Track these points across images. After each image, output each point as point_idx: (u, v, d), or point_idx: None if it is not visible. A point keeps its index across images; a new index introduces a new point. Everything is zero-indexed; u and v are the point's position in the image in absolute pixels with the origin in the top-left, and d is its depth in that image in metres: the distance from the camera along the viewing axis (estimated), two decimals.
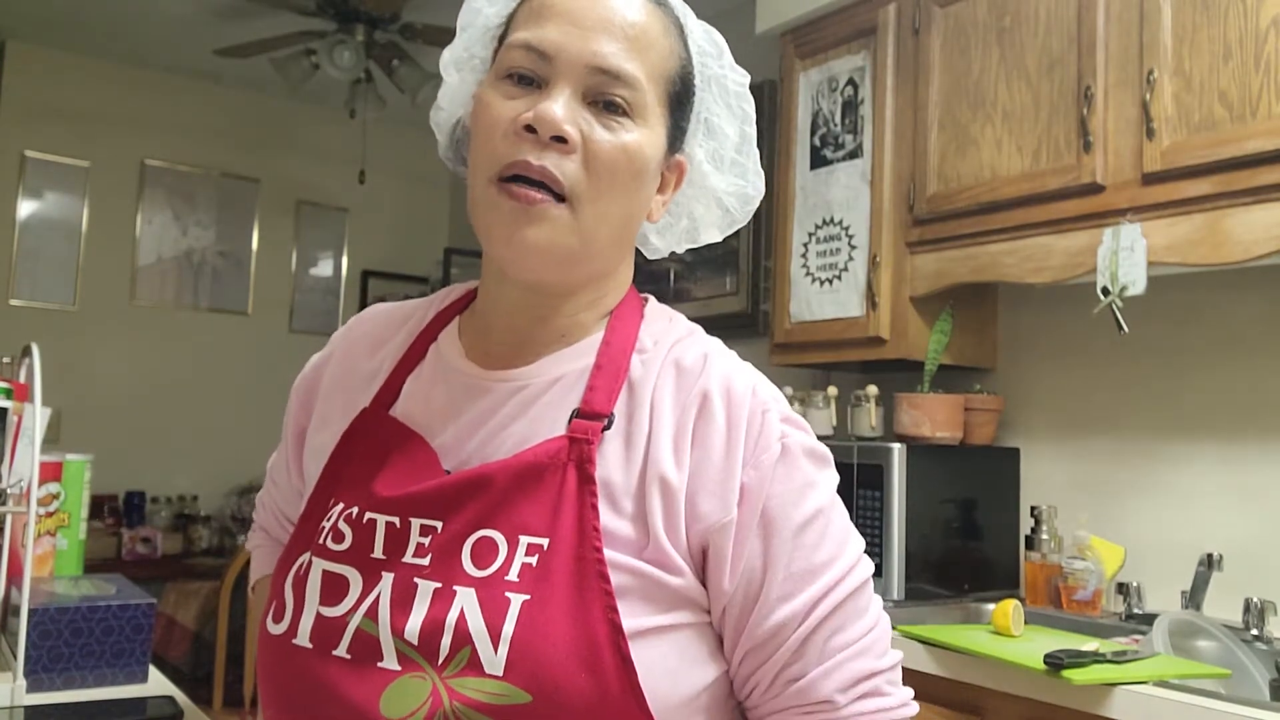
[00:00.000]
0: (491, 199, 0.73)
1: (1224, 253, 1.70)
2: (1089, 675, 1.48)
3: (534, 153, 0.71)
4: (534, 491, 0.70)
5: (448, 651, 0.66)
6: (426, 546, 0.70)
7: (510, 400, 0.76)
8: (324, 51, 3.35)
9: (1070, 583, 2.00)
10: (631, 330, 0.79)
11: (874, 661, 0.73)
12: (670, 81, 0.77)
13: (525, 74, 0.73)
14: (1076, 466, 2.22)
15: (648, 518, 0.71)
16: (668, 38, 0.77)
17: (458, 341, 0.83)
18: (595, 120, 0.73)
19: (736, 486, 0.71)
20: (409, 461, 0.75)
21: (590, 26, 0.73)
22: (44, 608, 1.21)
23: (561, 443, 0.72)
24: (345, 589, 0.71)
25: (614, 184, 0.73)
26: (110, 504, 4.02)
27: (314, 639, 0.70)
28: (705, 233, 0.90)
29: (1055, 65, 1.97)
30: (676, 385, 0.75)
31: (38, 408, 1.20)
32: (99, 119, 4.18)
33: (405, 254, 4.90)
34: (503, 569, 0.68)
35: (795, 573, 0.72)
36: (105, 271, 4.19)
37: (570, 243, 0.73)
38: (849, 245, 2.36)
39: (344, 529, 0.74)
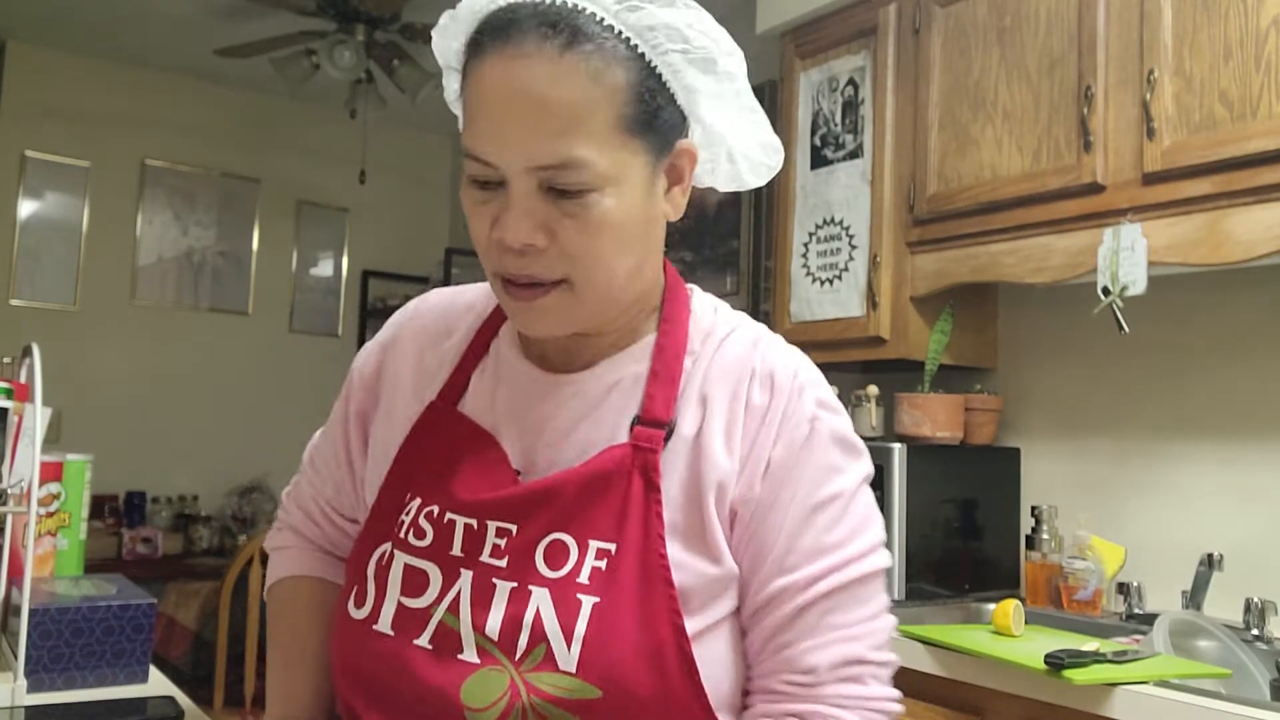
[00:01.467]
0: (498, 289, 0.77)
1: (1224, 253, 1.70)
2: (1089, 675, 1.49)
3: (515, 264, 0.73)
4: (602, 498, 0.74)
5: (525, 648, 0.71)
6: (503, 549, 0.75)
7: (570, 403, 0.80)
8: (324, 51, 3.35)
9: (1071, 582, 2.00)
10: (681, 332, 0.81)
11: (865, 650, 0.75)
12: (624, 120, 0.72)
13: (482, 180, 0.73)
14: (1077, 466, 2.22)
15: (703, 510, 0.75)
16: (602, 83, 0.71)
17: (516, 342, 0.85)
18: (559, 211, 0.72)
19: (765, 460, 0.76)
20: (482, 461, 0.79)
21: (518, 125, 0.70)
22: (44, 608, 1.21)
23: (626, 450, 0.75)
24: (426, 583, 0.76)
25: (602, 253, 0.74)
26: (111, 504, 4.02)
27: (395, 627, 0.75)
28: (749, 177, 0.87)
29: (1056, 65, 1.97)
30: (726, 378, 0.78)
31: (38, 408, 1.20)
32: (99, 119, 4.19)
33: (406, 254, 4.90)
34: (574, 571, 0.73)
35: (802, 548, 0.75)
36: (106, 271, 4.20)
37: (579, 314, 0.76)
38: (849, 245, 2.36)
39: (425, 526, 0.78)
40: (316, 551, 0.98)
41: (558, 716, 0.70)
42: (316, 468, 0.96)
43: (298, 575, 0.96)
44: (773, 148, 0.86)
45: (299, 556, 0.97)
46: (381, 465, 0.85)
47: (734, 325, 0.83)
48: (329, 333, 4.75)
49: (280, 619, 0.95)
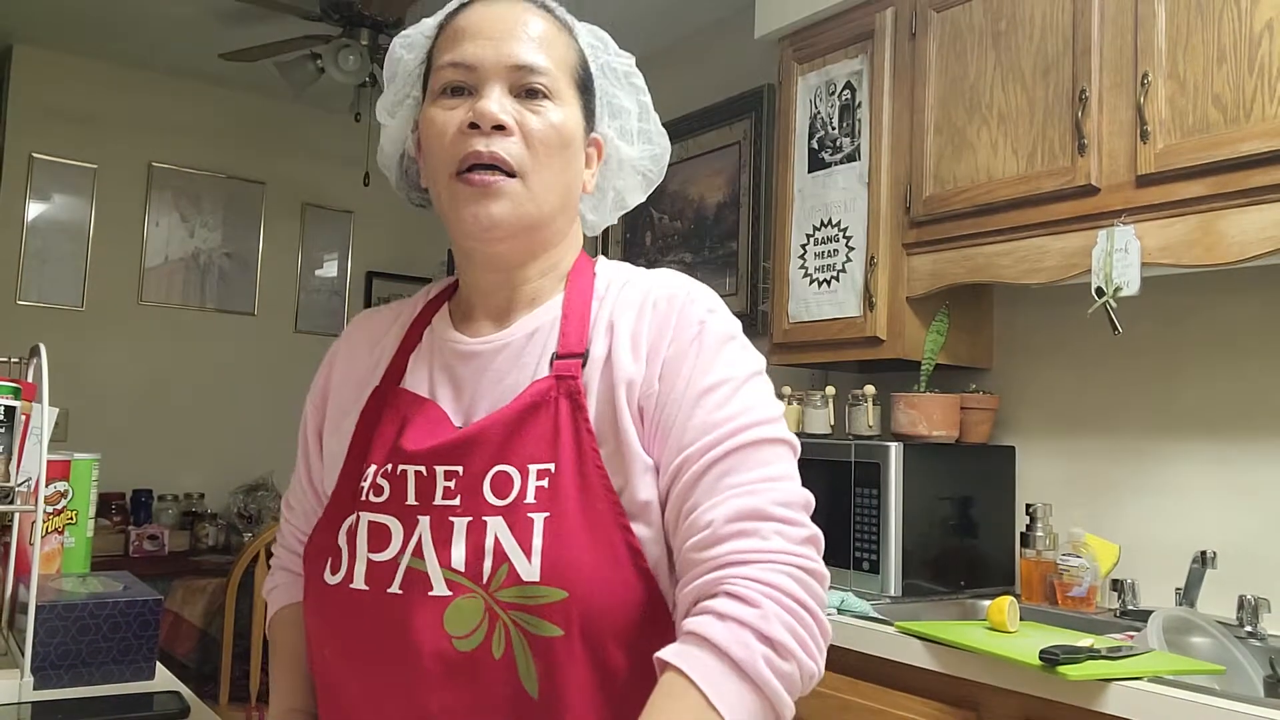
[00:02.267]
0: (454, 191, 0.86)
1: (1217, 254, 1.71)
2: (1084, 671, 1.50)
3: (482, 142, 0.84)
4: (533, 425, 0.82)
5: (490, 571, 0.77)
6: (453, 489, 0.81)
7: (498, 357, 0.88)
8: (329, 55, 3.37)
9: (1065, 579, 2.01)
10: (587, 284, 0.92)
11: (764, 504, 0.76)
12: (574, 69, 0.91)
13: (457, 85, 0.87)
14: (1071, 465, 2.23)
15: (617, 418, 0.82)
16: (563, 35, 0.91)
17: (448, 321, 0.94)
18: (524, 108, 0.86)
19: (660, 362, 0.84)
20: (426, 420, 0.86)
21: (501, 36, 0.87)
22: (51, 605, 1.23)
23: (549, 381, 0.84)
24: (389, 536, 0.82)
25: (551, 156, 0.87)
26: (117, 502, 4.04)
27: (369, 581, 0.81)
28: (631, 198, 1.02)
29: (1050, 69, 1.98)
30: (629, 306, 0.87)
31: (45, 407, 1.22)
32: (106, 121, 4.21)
33: (409, 255, 4.92)
34: (520, 495, 0.80)
35: (694, 426, 0.80)
36: (112, 272, 4.22)
37: (527, 209, 0.86)
38: (846, 247, 2.38)
39: (382, 483, 0.85)
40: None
41: (533, 624, 0.76)
42: (291, 507, 1.04)
43: (293, 603, 1.02)
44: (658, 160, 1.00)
45: (291, 588, 1.03)
46: (337, 459, 0.92)
47: (637, 274, 0.92)
48: (334, 333, 4.76)
49: (280, 640, 1.01)
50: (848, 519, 2.15)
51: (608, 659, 0.78)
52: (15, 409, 1.21)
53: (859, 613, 1.94)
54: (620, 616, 0.78)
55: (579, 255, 0.96)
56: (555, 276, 0.93)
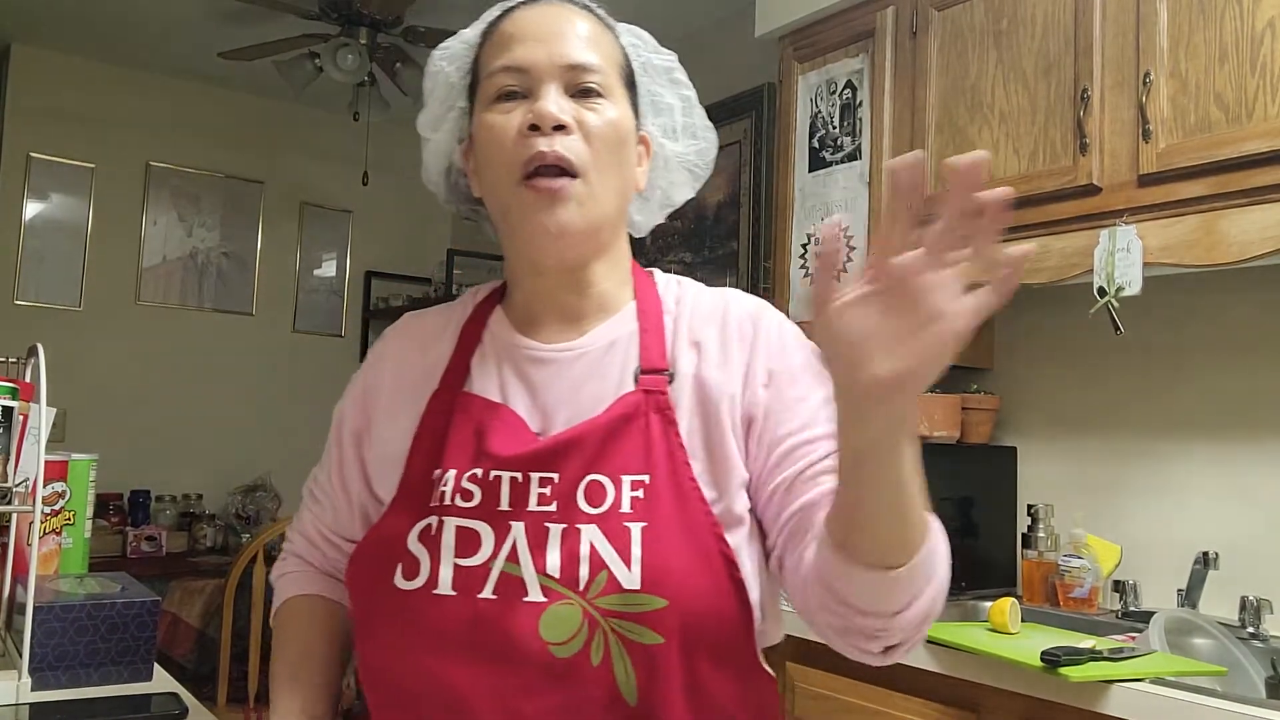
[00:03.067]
0: (520, 198, 0.85)
1: (1219, 254, 1.71)
2: (1086, 672, 1.49)
3: (544, 143, 0.84)
4: (625, 438, 0.83)
5: (587, 577, 0.78)
6: (548, 496, 0.82)
7: (575, 365, 0.89)
8: (327, 55, 3.37)
9: (1067, 580, 2.01)
10: (654, 296, 0.93)
11: None
12: (621, 66, 0.92)
13: (510, 90, 0.87)
14: (1073, 465, 2.23)
15: (719, 429, 0.84)
16: (608, 34, 0.92)
17: (509, 325, 0.94)
18: (581, 107, 0.86)
19: (765, 372, 0.86)
20: (505, 426, 0.86)
21: (551, 37, 0.87)
22: (49, 605, 1.22)
23: (638, 395, 0.85)
24: (478, 542, 0.81)
25: (609, 154, 0.87)
26: (115, 503, 4.04)
27: (457, 587, 0.80)
28: (678, 195, 1.02)
29: (1052, 68, 1.98)
30: (708, 322, 0.90)
31: (43, 407, 1.21)
32: (104, 121, 4.20)
33: (408, 255, 4.92)
34: (615, 504, 0.81)
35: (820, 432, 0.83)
36: (110, 272, 4.21)
37: (592, 211, 0.86)
38: (847, 246, 2.37)
39: (471, 488, 0.84)
40: (318, 574, 1.03)
41: (635, 631, 0.77)
42: (316, 497, 1.02)
43: (304, 594, 1.01)
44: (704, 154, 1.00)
45: (302, 579, 1.02)
46: (394, 463, 0.90)
47: (698, 286, 0.95)
48: (332, 333, 4.76)
49: (287, 631, 0.99)
50: None
51: (700, 669, 0.79)
52: (13, 409, 1.20)
53: None
54: (715, 626, 0.79)
55: (631, 262, 0.96)
56: (618, 279, 0.93)
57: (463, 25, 0.96)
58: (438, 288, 4.42)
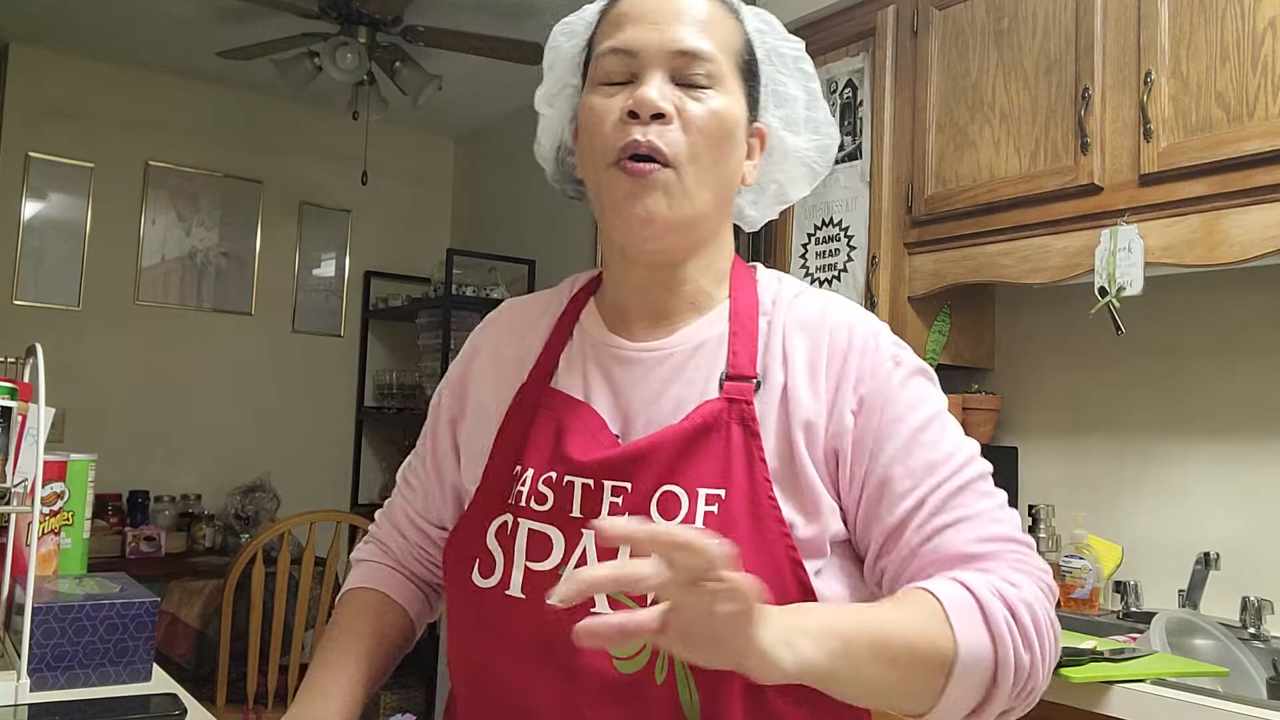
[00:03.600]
0: (611, 179, 0.83)
1: (1220, 253, 1.71)
2: (1087, 673, 1.49)
3: (640, 131, 0.81)
4: (704, 449, 0.80)
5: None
6: (620, 505, 0.79)
7: (660, 367, 0.86)
8: (326, 53, 3.36)
9: (1068, 581, 2.00)
10: (751, 295, 0.88)
11: (1010, 530, 0.78)
12: (738, 54, 0.87)
13: (618, 72, 0.84)
14: (1074, 466, 2.23)
15: (795, 454, 0.80)
16: (729, 19, 0.88)
17: (600, 320, 0.92)
18: (685, 95, 0.83)
19: (855, 398, 0.81)
20: (585, 427, 0.84)
21: (664, 20, 0.84)
22: (48, 606, 1.22)
23: (721, 404, 0.81)
24: (550, 546, 0.80)
25: (710, 145, 0.83)
26: (114, 503, 4.03)
27: (527, 590, 0.79)
28: (794, 191, 0.97)
29: (1053, 67, 1.98)
30: (803, 332, 0.85)
31: (41, 407, 1.21)
32: (103, 120, 4.20)
33: (408, 254, 4.91)
34: (688, 518, 0.78)
35: (916, 467, 0.78)
36: (109, 272, 4.20)
37: (682, 204, 0.82)
38: (848, 246, 2.37)
39: (545, 491, 0.82)
40: (392, 570, 1.03)
41: None
42: (408, 482, 1.02)
43: (369, 587, 1.01)
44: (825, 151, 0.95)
45: (375, 571, 1.02)
46: (480, 455, 0.90)
47: (800, 289, 0.90)
48: (331, 333, 4.75)
49: (338, 623, 0.99)
50: None
51: (765, 693, 0.76)
52: (12, 409, 1.20)
53: None
54: None
55: (734, 257, 0.92)
56: (714, 277, 0.89)
57: (462, 24, 0.95)
58: (437, 288, 4.41)
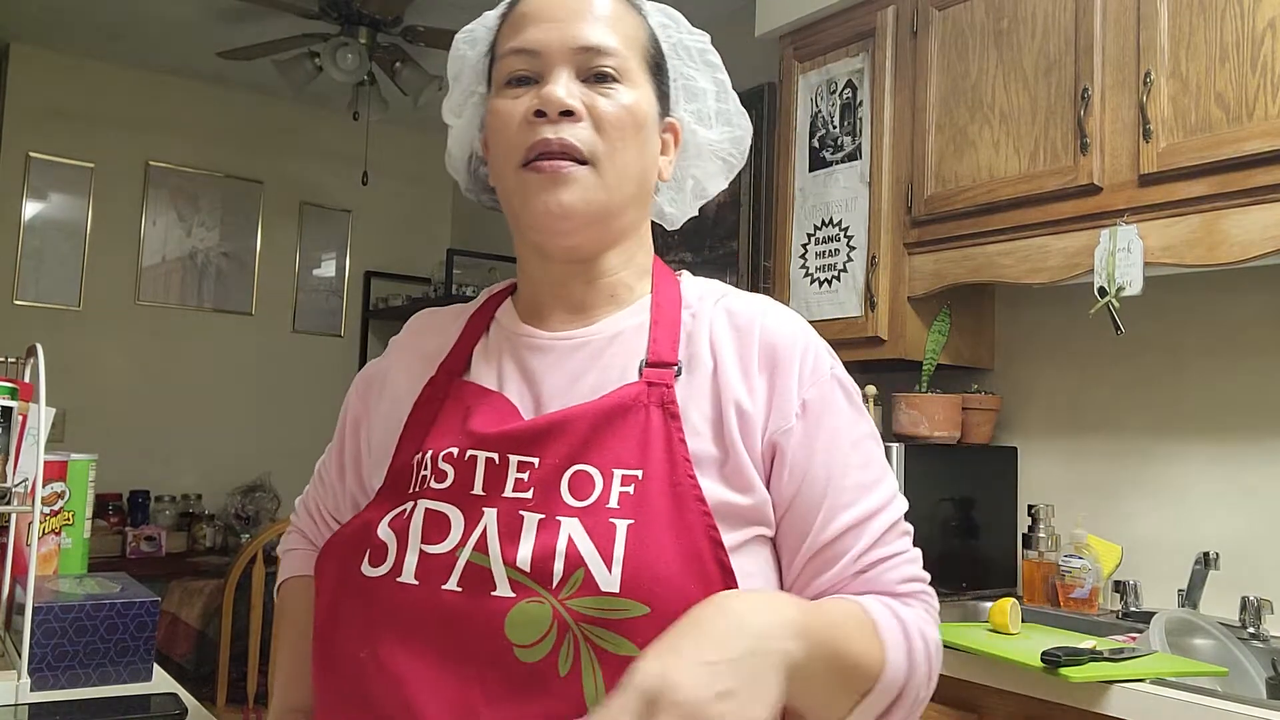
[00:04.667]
0: (522, 180, 0.81)
1: (1220, 253, 1.71)
2: (1086, 673, 1.49)
3: (550, 129, 0.80)
4: (620, 429, 0.77)
5: (561, 574, 0.71)
6: (526, 482, 0.76)
7: (576, 354, 0.84)
8: (327, 54, 3.36)
9: (1067, 581, 2.00)
10: (674, 290, 0.88)
11: (922, 571, 0.83)
12: (644, 49, 0.87)
13: (521, 76, 0.82)
14: (1074, 465, 2.23)
15: (726, 437, 0.78)
16: (632, 14, 0.87)
17: (515, 315, 0.90)
18: (593, 92, 0.82)
19: (797, 401, 0.80)
20: (493, 409, 0.82)
21: (566, 17, 0.83)
22: (48, 606, 1.22)
23: (640, 387, 0.79)
24: (447, 527, 0.76)
25: (624, 140, 0.82)
26: (114, 503, 4.03)
27: (420, 575, 0.74)
28: (711, 185, 0.97)
29: (1052, 67, 1.98)
30: (732, 327, 0.83)
31: (42, 407, 1.21)
32: (103, 120, 4.20)
33: (408, 255, 4.91)
34: (602, 498, 0.74)
35: (851, 485, 0.79)
36: (109, 272, 4.21)
37: (599, 198, 0.81)
38: (848, 246, 2.37)
39: (445, 468, 0.79)
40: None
41: (610, 640, 0.69)
42: (321, 478, 1.01)
43: (304, 575, 0.99)
44: (739, 142, 0.95)
45: (306, 558, 1.00)
46: (385, 451, 0.87)
47: (728, 290, 0.89)
48: (332, 333, 4.76)
49: (286, 614, 0.99)
50: None
51: None
52: (12, 409, 1.20)
53: None
54: None
55: (655, 259, 0.91)
56: (635, 271, 0.88)
57: (463, 24, 0.94)
58: (437, 288, 4.41)
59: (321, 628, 0.81)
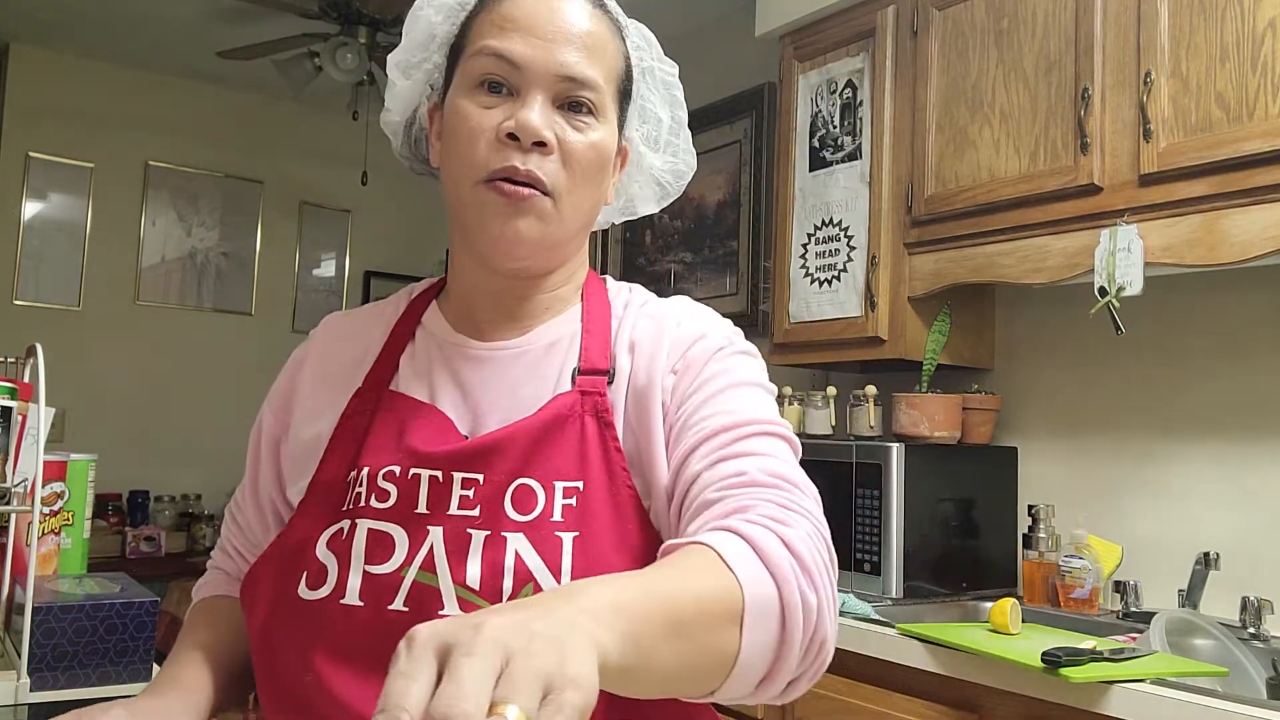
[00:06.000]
0: (480, 198, 0.80)
1: (1220, 253, 1.71)
2: (1087, 673, 1.49)
3: (519, 158, 0.78)
4: (558, 441, 0.77)
5: (510, 591, 0.71)
6: (472, 499, 0.75)
7: (513, 366, 0.83)
8: (326, 54, 3.36)
9: (1068, 581, 2.00)
10: (603, 300, 0.89)
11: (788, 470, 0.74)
12: (619, 79, 0.86)
13: (497, 81, 0.80)
14: (1074, 465, 2.23)
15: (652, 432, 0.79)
16: (614, 40, 0.85)
17: (445, 322, 0.88)
18: (566, 123, 0.80)
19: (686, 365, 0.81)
20: (430, 425, 0.80)
21: (553, 38, 0.80)
22: (48, 606, 1.22)
23: (573, 396, 0.80)
24: (391, 547, 0.74)
25: (587, 178, 0.82)
26: (114, 503, 4.03)
27: (365, 597, 0.73)
28: (642, 207, 0.98)
29: (1053, 67, 1.98)
30: (651, 326, 0.85)
31: (42, 407, 1.21)
32: (103, 120, 4.20)
33: (407, 254, 4.91)
34: (546, 512, 0.74)
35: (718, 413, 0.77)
36: (109, 272, 4.21)
37: (555, 231, 0.81)
38: (848, 246, 2.37)
39: (387, 486, 0.77)
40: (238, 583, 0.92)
41: None
42: (233, 516, 0.97)
43: (220, 595, 0.96)
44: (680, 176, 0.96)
45: (225, 582, 0.96)
46: (306, 469, 0.84)
47: (650, 296, 0.91)
48: None
49: (197, 621, 0.93)
50: (849, 520, 2.14)
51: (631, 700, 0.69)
52: (12, 409, 1.20)
53: (860, 614, 1.93)
54: None
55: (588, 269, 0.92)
56: (571, 287, 0.89)
57: None
58: None
59: (259, 652, 0.79)
